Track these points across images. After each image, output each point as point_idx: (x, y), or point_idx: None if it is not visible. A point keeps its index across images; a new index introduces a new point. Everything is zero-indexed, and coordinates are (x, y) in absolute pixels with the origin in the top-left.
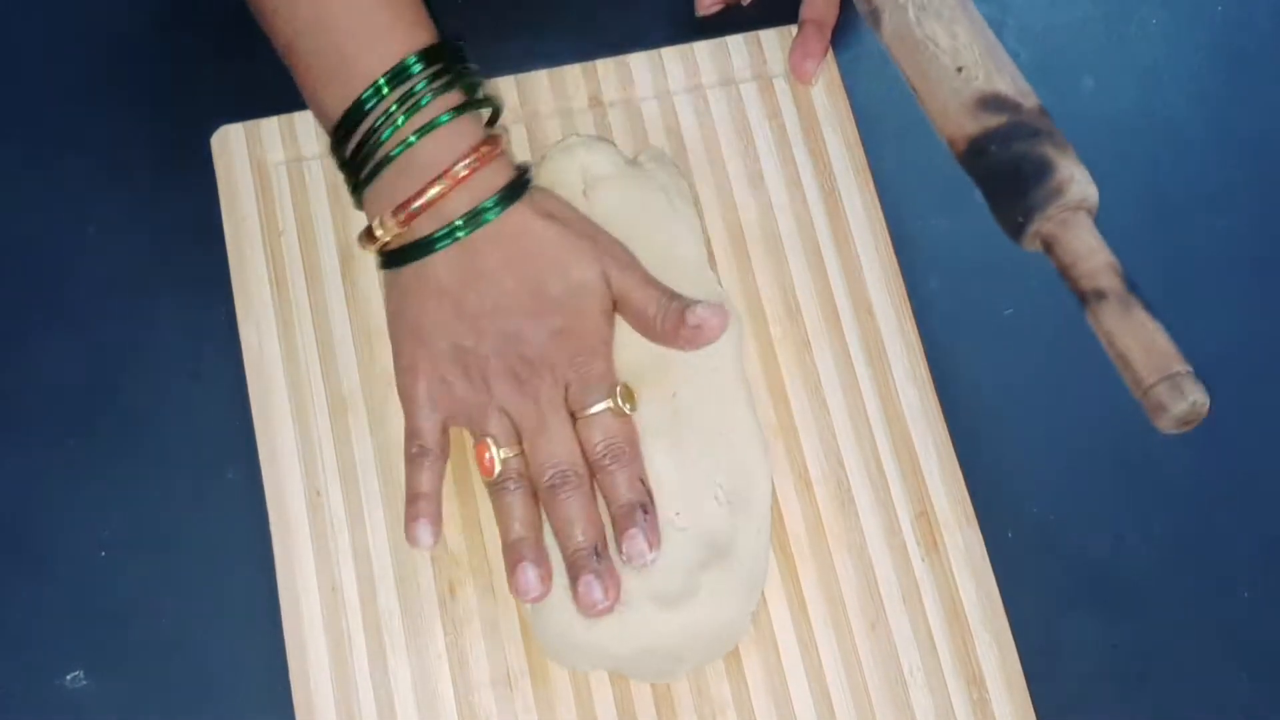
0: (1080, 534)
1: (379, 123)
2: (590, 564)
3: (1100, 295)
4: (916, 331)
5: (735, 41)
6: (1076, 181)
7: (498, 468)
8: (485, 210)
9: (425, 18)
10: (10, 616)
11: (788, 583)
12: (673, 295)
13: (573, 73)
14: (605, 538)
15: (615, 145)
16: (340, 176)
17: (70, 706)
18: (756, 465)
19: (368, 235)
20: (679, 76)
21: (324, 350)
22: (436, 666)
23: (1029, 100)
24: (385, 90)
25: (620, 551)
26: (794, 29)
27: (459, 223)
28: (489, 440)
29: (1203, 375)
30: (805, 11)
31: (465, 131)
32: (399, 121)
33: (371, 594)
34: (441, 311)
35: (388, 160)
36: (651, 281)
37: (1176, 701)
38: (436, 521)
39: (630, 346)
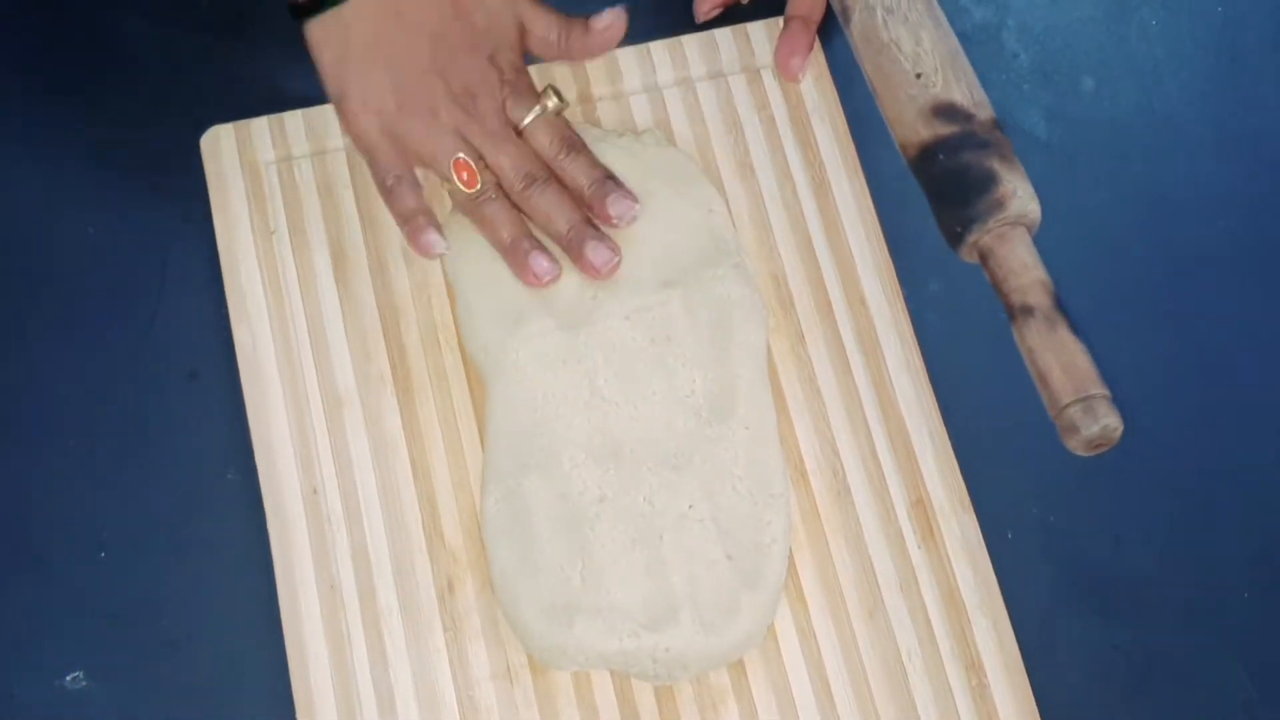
0: (1080, 534)
1: None
2: (588, 233)
3: (1028, 311)
4: (909, 321)
5: (723, 34)
6: (1018, 196)
7: (479, 181)
8: None
9: None
10: (10, 617)
11: (786, 572)
12: (568, 18)
13: (561, 68)
14: (587, 216)
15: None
16: (329, 176)
17: (70, 706)
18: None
19: None
20: (667, 70)
21: (318, 348)
22: (436, 662)
23: (983, 112)
24: None
25: (609, 218)
26: (780, 21)
27: None
28: (461, 158)
29: (1203, 375)
30: (791, 8)
31: None
32: None
33: (370, 591)
34: (379, 50)
35: None
36: (550, 9)
37: (1176, 701)
38: (439, 229)
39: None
